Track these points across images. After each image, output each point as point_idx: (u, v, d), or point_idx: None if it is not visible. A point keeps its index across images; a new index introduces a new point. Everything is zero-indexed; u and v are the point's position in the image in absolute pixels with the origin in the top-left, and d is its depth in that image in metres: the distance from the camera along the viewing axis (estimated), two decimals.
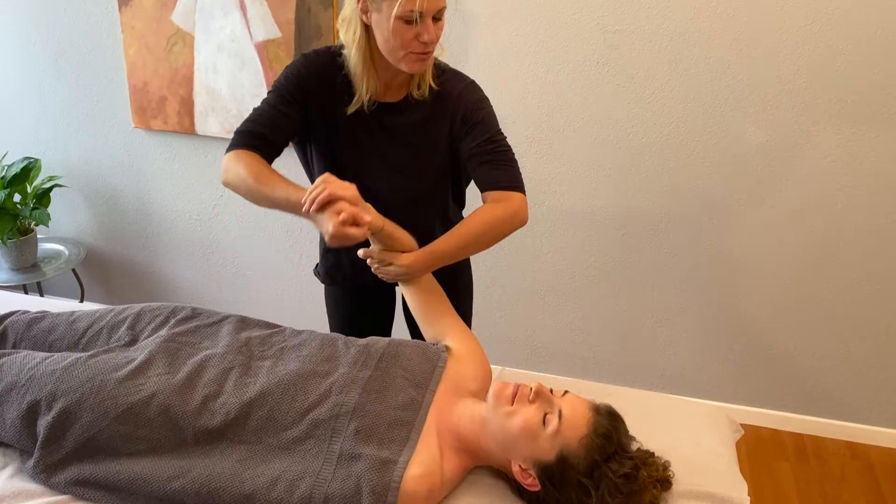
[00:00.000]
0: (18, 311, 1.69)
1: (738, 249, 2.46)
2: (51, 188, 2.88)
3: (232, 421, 1.35)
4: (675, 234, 2.49)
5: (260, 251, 2.93)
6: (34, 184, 2.88)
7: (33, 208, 2.81)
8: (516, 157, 1.62)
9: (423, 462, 1.30)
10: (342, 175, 1.49)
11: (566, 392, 1.38)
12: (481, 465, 1.42)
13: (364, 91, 1.57)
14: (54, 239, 3.10)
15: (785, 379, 2.60)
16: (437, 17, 1.46)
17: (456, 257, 1.61)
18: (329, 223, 1.39)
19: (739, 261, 2.48)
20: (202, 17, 2.57)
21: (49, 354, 1.47)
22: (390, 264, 1.58)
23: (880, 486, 2.42)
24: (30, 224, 2.89)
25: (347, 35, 1.54)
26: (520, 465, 1.33)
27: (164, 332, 1.53)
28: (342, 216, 1.38)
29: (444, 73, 1.63)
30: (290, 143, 1.67)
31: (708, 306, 2.56)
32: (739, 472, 1.46)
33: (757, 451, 2.56)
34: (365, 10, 1.49)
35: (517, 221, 1.58)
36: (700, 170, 2.38)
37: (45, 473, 1.35)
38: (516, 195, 1.57)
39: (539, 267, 2.65)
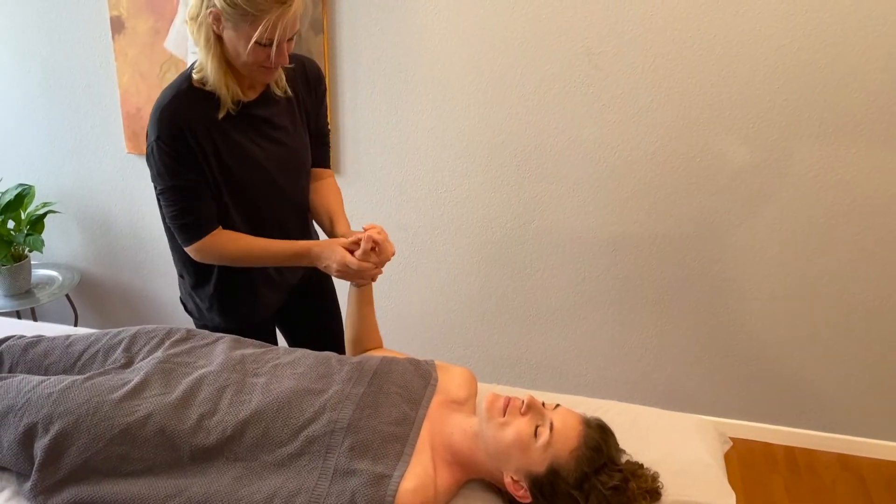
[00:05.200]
0: (14, 335, 1.70)
1: (726, 265, 2.50)
2: (45, 214, 2.90)
3: (227, 439, 1.37)
4: (663, 251, 2.53)
5: None
6: (28, 210, 2.89)
7: (27, 234, 2.83)
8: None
9: (417, 476, 1.32)
10: (233, 177, 1.68)
11: (557, 405, 1.41)
12: (474, 478, 1.44)
13: (227, 94, 1.62)
14: (48, 265, 3.12)
15: (775, 392, 2.63)
16: (290, 39, 1.55)
17: None
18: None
19: (728, 276, 2.51)
20: (195, 44, 2.61)
21: (45, 378, 1.49)
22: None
23: (871, 497, 2.44)
24: (24, 250, 2.90)
25: (200, 39, 1.58)
26: (511, 477, 1.35)
27: (159, 353, 1.55)
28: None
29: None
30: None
31: (698, 322, 2.59)
32: (727, 482, 1.49)
33: (749, 464, 2.58)
34: (217, 22, 1.53)
35: None
36: (686, 188, 2.43)
37: (43, 495, 1.36)
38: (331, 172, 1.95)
39: (530, 285, 2.68)
